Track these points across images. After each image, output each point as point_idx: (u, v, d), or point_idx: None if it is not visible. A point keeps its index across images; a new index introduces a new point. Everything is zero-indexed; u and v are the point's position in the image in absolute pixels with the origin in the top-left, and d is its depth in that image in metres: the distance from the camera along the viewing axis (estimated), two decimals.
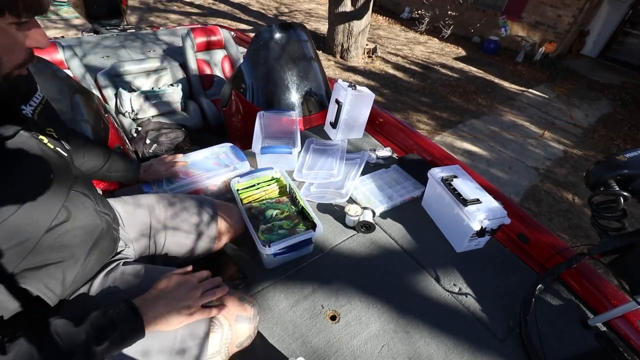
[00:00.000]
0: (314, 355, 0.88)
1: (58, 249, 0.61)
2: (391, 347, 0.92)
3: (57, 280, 0.63)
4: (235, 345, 0.79)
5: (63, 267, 0.63)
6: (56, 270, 0.62)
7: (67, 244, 0.63)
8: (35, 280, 0.59)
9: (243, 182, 1.21)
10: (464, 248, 1.20)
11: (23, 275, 0.57)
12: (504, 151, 3.51)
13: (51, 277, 0.61)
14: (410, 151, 1.66)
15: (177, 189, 1.13)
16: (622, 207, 0.82)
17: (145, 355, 0.67)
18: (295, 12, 7.09)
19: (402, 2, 7.83)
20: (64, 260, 0.63)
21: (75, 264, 0.66)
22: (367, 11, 4.64)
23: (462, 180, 1.24)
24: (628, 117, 4.80)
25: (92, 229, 0.69)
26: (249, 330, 0.80)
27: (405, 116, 3.91)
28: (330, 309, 0.99)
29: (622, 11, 6.23)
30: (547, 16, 5.96)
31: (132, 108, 2.14)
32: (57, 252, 0.61)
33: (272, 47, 1.68)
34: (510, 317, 1.03)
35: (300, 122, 1.71)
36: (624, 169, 0.83)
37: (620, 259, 0.91)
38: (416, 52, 5.98)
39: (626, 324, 1.00)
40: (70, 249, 0.64)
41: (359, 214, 1.20)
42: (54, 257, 0.61)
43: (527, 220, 1.26)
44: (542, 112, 4.53)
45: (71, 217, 0.64)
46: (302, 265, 1.09)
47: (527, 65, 6.00)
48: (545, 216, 2.73)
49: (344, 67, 4.86)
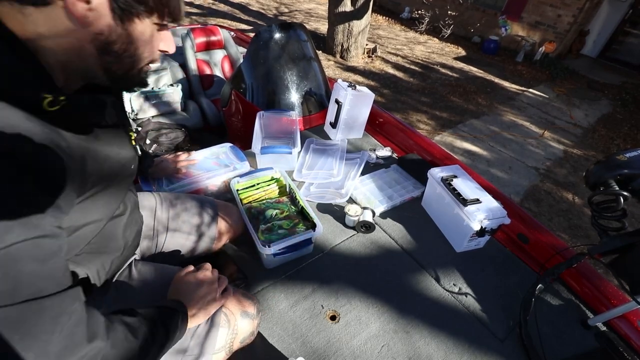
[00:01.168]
0: (314, 355, 0.88)
1: (110, 239, 0.65)
2: (391, 347, 0.92)
3: (104, 269, 0.66)
4: (239, 341, 0.80)
5: (112, 257, 0.67)
6: (107, 259, 0.66)
7: (117, 236, 0.66)
8: (92, 265, 0.62)
9: (243, 182, 1.21)
10: (464, 248, 1.20)
11: (84, 257, 0.59)
12: (504, 151, 3.51)
13: (103, 264, 0.65)
14: (410, 151, 1.66)
15: (177, 189, 1.13)
16: (622, 207, 0.82)
17: None
18: (295, 12, 7.08)
19: (402, 2, 7.82)
20: (112, 252, 0.66)
21: (120, 256, 0.70)
22: (367, 11, 4.63)
23: (462, 180, 1.24)
24: (628, 117, 4.80)
25: (136, 224, 0.75)
26: (252, 327, 0.83)
27: (405, 116, 3.91)
28: (330, 309, 0.98)
29: (622, 11, 6.23)
30: (547, 16, 5.96)
31: (131, 108, 2.14)
32: (110, 241, 0.65)
33: (272, 47, 1.68)
34: (510, 317, 1.03)
35: (300, 122, 1.71)
36: (624, 169, 0.82)
37: (620, 258, 0.91)
38: (416, 52, 5.98)
39: (626, 323, 1.00)
40: (118, 240, 0.67)
41: (358, 214, 1.20)
42: (106, 246, 0.64)
43: (527, 220, 1.26)
44: (542, 112, 4.53)
45: (126, 211, 0.69)
46: (302, 265, 1.09)
47: (527, 65, 6.00)
48: (546, 216, 2.73)
49: (343, 67, 4.86)
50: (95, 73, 0.51)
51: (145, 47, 0.52)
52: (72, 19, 0.42)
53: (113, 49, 0.48)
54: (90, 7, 0.42)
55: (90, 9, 0.43)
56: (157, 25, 0.52)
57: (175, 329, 0.61)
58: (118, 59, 0.50)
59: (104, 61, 0.49)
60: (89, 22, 0.44)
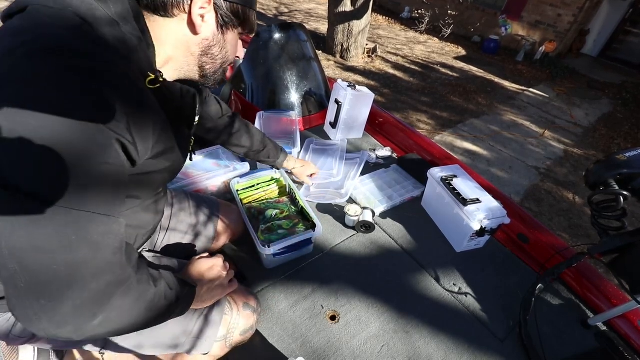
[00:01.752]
0: (314, 355, 0.88)
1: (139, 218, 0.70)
2: (391, 347, 0.92)
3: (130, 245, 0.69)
4: (240, 332, 0.81)
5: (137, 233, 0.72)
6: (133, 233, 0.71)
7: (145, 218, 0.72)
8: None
9: (243, 182, 1.21)
10: (464, 248, 1.20)
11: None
12: (504, 151, 3.51)
13: (129, 238, 0.70)
14: (410, 151, 1.66)
15: (177, 189, 1.13)
16: (622, 207, 0.82)
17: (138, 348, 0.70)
18: (295, 12, 7.08)
19: (402, 2, 7.82)
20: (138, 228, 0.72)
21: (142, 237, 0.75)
22: (367, 11, 4.63)
23: (462, 180, 1.24)
24: (629, 116, 4.79)
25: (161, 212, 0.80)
26: (252, 320, 0.84)
27: (405, 116, 3.91)
28: (330, 309, 0.99)
29: (622, 10, 6.22)
30: (547, 15, 5.95)
31: None
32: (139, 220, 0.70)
33: (272, 47, 1.68)
34: (510, 317, 1.03)
35: (300, 122, 1.71)
36: (623, 169, 0.82)
37: (620, 258, 0.91)
38: (416, 51, 5.97)
39: (626, 323, 1.00)
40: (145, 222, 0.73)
41: (358, 214, 1.20)
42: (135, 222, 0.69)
43: (527, 219, 1.26)
44: (543, 112, 4.53)
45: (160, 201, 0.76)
46: (302, 266, 1.09)
47: (527, 65, 5.99)
48: (546, 216, 2.73)
49: (343, 67, 4.86)
50: (192, 70, 0.62)
51: (232, 51, 0.65)
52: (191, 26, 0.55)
53: (212, 52, 0.60)
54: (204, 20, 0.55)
55: (204, 22, 0.55)
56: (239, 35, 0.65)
57: (183, 298, 0.63)
58: (213, 59, 0.62)
59: (202, 60, 0.61)
60: (202, 30, 0.56)
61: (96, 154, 0.42)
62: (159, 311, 0.55)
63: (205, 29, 0.56)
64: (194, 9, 0.52)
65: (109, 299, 0.46)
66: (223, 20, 0.58)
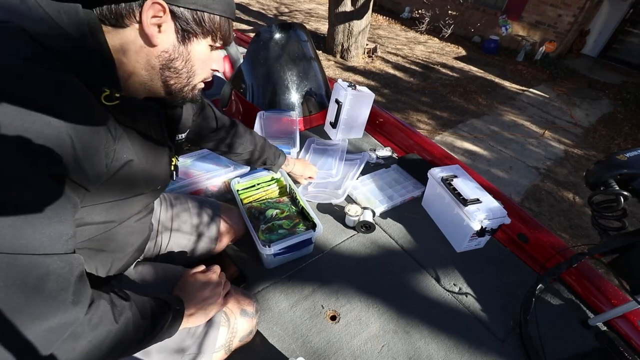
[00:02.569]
0: (314, 355, 0.88)
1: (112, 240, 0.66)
2: (391, 347, 0.92)
3: (104, 268, 0.67)
4: (238, 340, 0.81)
5: (113, 258, 0.68)
6: (107, 259, 0.67)
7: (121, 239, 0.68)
8: (90, 261, 0.63)
9: (243, 182, 1.21)
10: (464, 248, 1.20)
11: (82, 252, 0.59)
12: (505, 151, 3.51)
13: (102, 263, 0.66)
14: (410, 151, 1.66)
15: (177, 190, 1.13)
16: (622, 207, 0.82)
17: (145, 354, 0.68)
18: (295, 12, 7.08)
19: (402, 2, 7.81)
20: (115, 252, 0.68)
21: (123, 259, 0.71)
22: (367, 11, 4.63)
23: (462, 180, 1.24)
24: (629, 116, 4.79)
25: (144, 232, 0.76)
26: (251, 326, 0.84)
27: (406, 116, 3.91)
28: (330, 309, 0.99)
29: (622, 10, 6.22)
30: (548, 16, 5.95)
31: None
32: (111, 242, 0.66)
33: (272, 47, 1.68)
34: (510, 317, 1.03)
35: (300, 122, 1.71)
36: (624, 169, 0.82)
37: (620, 258, 0.91)
38: (416, 51, 5.97)
39: (627, 323, 1.00)
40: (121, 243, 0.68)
41: (359, 214, 1.20)
42: (107, 245, 0.65)
43: (527, 220, 1.26)
44: (543, 112, 4.52)
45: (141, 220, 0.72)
46: (302, 266, 1.09)
47: (527, 65, 5.99)
48: (546, 216, 2.73)
49: (344, 67, 4.86)
50: (155, 85, 0.57)
51: (201, 65, 0.59)
52: (145, 37, 0.50)
53: (174, 65, 0.55)
54: (160, 29, 0.50)
55: (160, 31, 0.51)
56: (211, 47, 0.59)
57: (164, 323, 0.60)
58: (177, 74, 0.57)
59: (164, 75, 0.56)
60: (159, 42, 0.51)
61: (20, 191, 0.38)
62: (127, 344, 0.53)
63: (163, 40, 0.51)
64: (145, 18, 0.48)
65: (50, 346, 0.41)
66: (183, 31, 0.52)
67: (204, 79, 0.62)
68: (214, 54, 0.61)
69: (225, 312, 0.79)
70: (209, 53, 0.59)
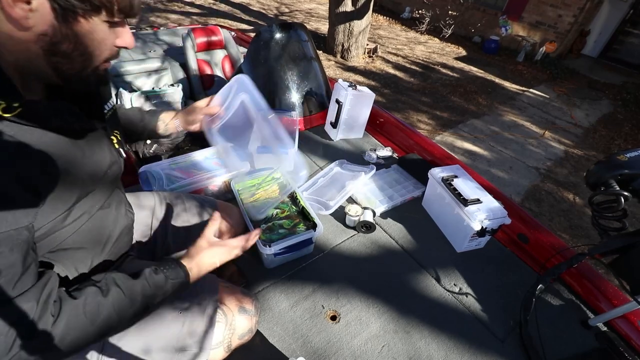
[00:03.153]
0: (314, 355, 0.88)
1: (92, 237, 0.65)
2: (391, 347, 0.92)
3: (85, 266, 0.66)
4: (237, 337, 0.80)
5: (92, 254, 0.67)
6: (86, 256, 0.66)
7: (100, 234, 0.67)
8: (69, 261, 0.62)
9: (243, 182, 1.21)
10: (465, 248, 1.20)
11: (58, 254, 0.60)
12: (505, 151, 3.51)
13: (81, 261, 0.65)
14: (410, 151, 1.66)
15: (177, 189, 1.14)
16: (622, 207, 0.82)
17: (146, 353, 0.68)
18: (295, 12, 7.08)
19: (402, 2, 7.81)
20: (93, 248, 0.67)
21: (101, 254, 0.70)
22: (368, 11, 4.63)
23: (462, 180, 1.24)
24: (629, 116, 4.79)
25: (121, 224, 0.75)
26: (250, 323, 0.83)
27: (406, 116, 3.91)
28: (331, 309, 0.99)
29: (623, 11, 6.22)
30: (548, 16, 5.95)
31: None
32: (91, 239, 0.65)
33: (273, 47, 1.68)
34: (511, 317, 1.03)
35: (301, 122, 1.71)
36: (624, 169, 0.82)
37: (620, 259, 0.91)
38: (417, 52, 5.97)
39: (627, 324, 1.00)
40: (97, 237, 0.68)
41: (359, 214, 1.20)
42: (87, 243, 0.64)
43: (528, 220, 1.26)
44: (543, 112, 4.52)
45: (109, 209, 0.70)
46: (302, 265, 1.09)
47: (527, 65, 5.99)
48: (546, 216, 2.73)
49: (344, 67, 4.86)
50: (47, 74, 0.50)
51: (98, 45, 0.51)
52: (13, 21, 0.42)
53: (60, 49, 0.48)
54: (30, 7, 0.42)
55: (31, 10, 0.42)
56: (109, 23, 0.51)
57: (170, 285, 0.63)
58: (68, 58, 0.49)
59: (52, 61, 0.49)
60: (31, 23, 0.43)
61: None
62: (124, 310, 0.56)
63: (37, 21, 0.44)
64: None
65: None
66: (61, 8, 0.44)
67: (107, 58, 0.55)
68: (118, 29, 0.54)
69: (223, 309, 0.78)
70: (108, 30, 0.52)
